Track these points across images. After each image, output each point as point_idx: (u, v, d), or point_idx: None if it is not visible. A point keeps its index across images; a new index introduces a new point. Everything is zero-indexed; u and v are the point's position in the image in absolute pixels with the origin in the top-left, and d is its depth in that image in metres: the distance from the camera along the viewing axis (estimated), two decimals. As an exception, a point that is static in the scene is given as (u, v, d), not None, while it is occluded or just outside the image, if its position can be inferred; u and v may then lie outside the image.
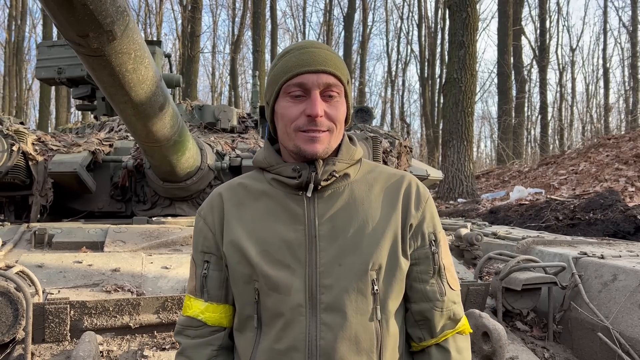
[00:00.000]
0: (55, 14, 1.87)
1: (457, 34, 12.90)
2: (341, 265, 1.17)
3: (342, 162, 1.25)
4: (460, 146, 12.75)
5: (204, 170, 4.23)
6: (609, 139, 13.15)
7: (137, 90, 2.58)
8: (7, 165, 3.86)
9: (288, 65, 1.20)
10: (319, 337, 1.14)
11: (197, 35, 23.36)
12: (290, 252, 1.19)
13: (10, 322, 2.13)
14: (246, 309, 1.22)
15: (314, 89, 1.18)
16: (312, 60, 1.19)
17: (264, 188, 1.28)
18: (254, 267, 1.19)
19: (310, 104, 1.18)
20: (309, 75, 1.18)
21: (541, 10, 25.07)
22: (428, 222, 1.28)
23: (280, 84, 1.21)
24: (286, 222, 1.22)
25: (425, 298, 1.27)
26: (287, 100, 1.21)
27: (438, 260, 1.27)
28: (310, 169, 1.21)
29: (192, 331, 1.30)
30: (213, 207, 1.30)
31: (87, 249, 3.12)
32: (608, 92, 26.51)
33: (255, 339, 1.20)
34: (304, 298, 1.16)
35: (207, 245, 1.29)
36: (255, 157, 1.35)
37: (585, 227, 6.88)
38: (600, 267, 2.98)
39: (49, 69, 5.98)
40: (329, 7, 29.28)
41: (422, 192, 1.30)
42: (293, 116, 1.19)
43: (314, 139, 1.19)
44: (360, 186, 1.27)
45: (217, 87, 31.60)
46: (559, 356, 2.84)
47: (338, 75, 1.21)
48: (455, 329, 1.29)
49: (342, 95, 1.24)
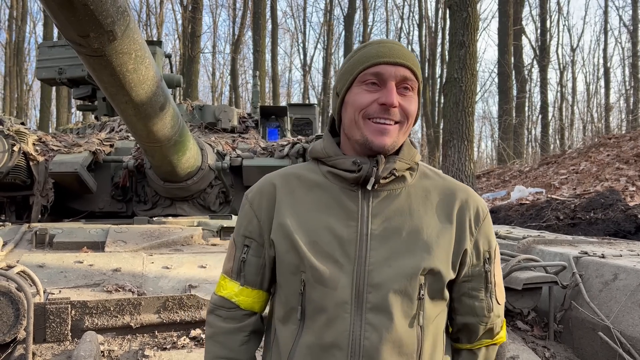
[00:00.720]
0: (56, 14, 1.88)
1: (457, 33, 12.89)
2: (391, 267, 1.16)
3: (403, 162, 1.23)
4: (461, 146, 12.73)
5: (204, 170, 4.23)
6: (610, 139, 13.14)
7: (137, 91, 2.58)
8: (8, 166, 3.86)
9: (366, 55, 1.19)
10: (364, 337, 1.13)
11: (198, 36, 23.36)
12: (340, 247, 1.17)
13: (12, 322, 2.14)
14: (291, 300, 1.21)
15: (390, 79, 1.17)
16: (390, 52, 1.18)
17: (319, 180, 1.26)
18: (302, 258, 1.17)
19: (386, 93, 1.16)
20: (387, 66, 1.17)
21: (542, 10, 25.05)
22: (484, 240, 1.27)
23: (357, 73, 1.20)
24: (339, 216, 1.20)
25: (472, 313, 1.28)
26: (361, 88, 1.19)
27: (491, 278, 1.27)
28: (371, 163, 1.19)
29: (224, 312, 1.30)
30: (263, 193, 1.28)
31: (88, 249, 3.12)
32: (609, 92, 26.49)
33: (297, 332, 1.19)
34: (349, 295, 1.14)
35: (250, 230, 1.27)
36: (313, 147, 1.32)
37: (586, 227, 6.87)
38: (601, 267, 2.98)
39: (49, 70, 5.98)
40: (329, 7, 29.27)
41: (481, 210, 1.28)
42: (365, 103, 1.18)
43: (384, 131, 1.17)
44: (417, 192, 1.25)
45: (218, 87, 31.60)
46: (560, 355, 2.84)
47: (415, 70, 1.19)
48: (492, 340, 1.33)
49: (415, 92, 1.22)
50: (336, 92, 1.27)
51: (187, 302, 2.44)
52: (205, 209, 4.57)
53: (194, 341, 2.37)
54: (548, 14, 25.25)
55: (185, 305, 2.44)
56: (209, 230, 3.71)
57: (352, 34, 26.81)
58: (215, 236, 3.71)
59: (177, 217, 4.12)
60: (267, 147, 4.83)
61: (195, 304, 2.45)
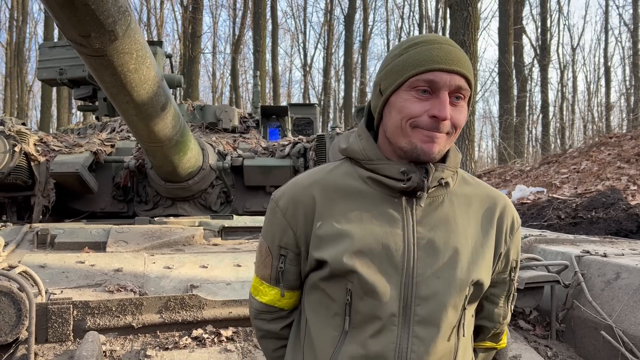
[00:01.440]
0: (57, 14, 1.88)
1: (458, 33, 12.87)
2: (439, 278, 1.12)
3: (449, 170, 1.18)
4: (462, 145, 12.71)
5: (205, 170, 4.23)
6: (611, 138, 13.13)
7: (139, 91, 2.58)
8: (9, 166, 3.87)
9: (419, 58, 1.10)
10: (410, 350, 1.10)
11: (198, 36, 23.37)
12: (387, 257, 1.11)
13: (14, 322, 2.13)
14: (333, 307, 1.17)
15: (444, 89, 1.09)
16: (447, 58, 1.10)
17: (358, 186, 1.18)
18: (348, 269, 1.12)
19: (439, 105, 1.09)
20: (442, 74, 1.09)
21: (542, 9, 25.04)
22: (515, 249, 1.27)
23: (407, 77, 1.11)
24: (383, 225, 1.13)
25: (489, 318, 1.29)
26: (411, 95, 1.11)
27: (512, 286, 1.28)
28: (420, 173, 1.13)
29: (268, 315, 1.29)
30: (298, 203, 1.19)
31: (90, 249, 3.12)
32: (609, 91, 26.47)
33: (339, 339, 1.15)
34: (397, 307, 1.10)
35: (286, 242, 1.21)
36: (349, 146, 1.22)
37: (587, 226, 6.87)
38: (603, 266, 2.97)
39: (50, 70, 5.99)
40: (329, 7, 29.27)
41: (515, 219, 1.26)
42: (415, 113, 1.10)
43: (433, 138, 1.10)
44: (459, 199, 1.20)
45: (218, 87, 31.59)
46: (562, 355, 2.83)
47: (469, 78, 1.13)
48: (495, 344, 1.36)
49: (466, 100, 1.15)
50: (379, 89, 1.18)
51: (189, 302, 2.44)
52: (207, 208, 4.57)
53: (196, 341, 2.37)
54: (548, 13, 25.25)
55: (187, 305, 2.44)
56: (210, 230, 3.71)
57: (353, 33, 26.81)
58: (216, 236, 3.71)
59: (179, 217, 4.12)
60: (268, 147, 4.83)
61: (197, 304, 2.44)
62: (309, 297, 1.23)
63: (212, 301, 2.47)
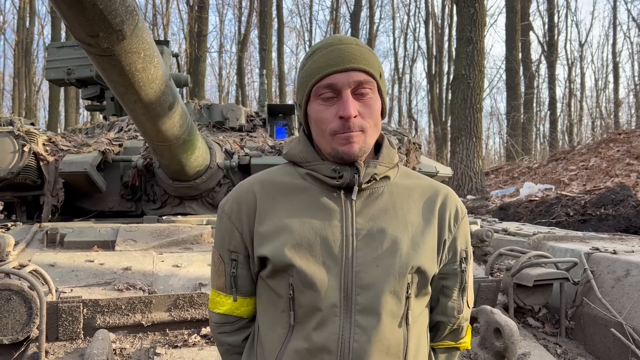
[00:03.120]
0: (65, 14, 1.88)
1: (464, 29, 12.84)
2: (379, 266, 1.13)
3: (383, 165, 1.21)
4: (469, 143, 12.69)
5: (213, 169, 4.24)
6: (620, 134, 13.04)
7: (146, 90, 2.59)
8: (19, 166, 3.89)
9: (316, 65, 1.15)
10: (353, 340, 1.11)
11: (204, 35, 23.42)
12: (326, 249, 1.14)
13: (25, 320, 2.15)
14: (280, 304, 1.18)
15: (344, 89, 1.13)
16: (340, 58, 1.13)
17: (298, 183, 1.23)
18: (288, 263, 1.14)
19: (342, 105, 1.13)
20: (338, 75, 1.12)
21: (549, 5, 24.89)
22: (462, 239, 1.27)
23: (310, 87, 1.16)
24: (322, 218, 1.17)
25: (443, 312, 1.29)
26: (318, 103, 1.16)
27: (465, 278, 1.27)
28: (351, 171, 1.17)
29: (229, 327, 1.30)
30: (240, 204, 1.23)
31: (99, 248, 3.14)
32: (618, 87, 26.29)
33: (286, 336, 1.16)
34: (338, 298, 1.12)
35: (234, 244, 1.24)
36: (289, 151, 1.28)
37: (596, 223, 6.83)
38: (613, 263, 2.96)
39: (58, 70, 6.01)
40: (335, 5, 29.23)
41: (459, 208, 1.27)
42: (327, 119, 1.15)
43: (350, 138, 1.13)
44: (399, 190, 1.23)
45: (225, 86, 31.67)
46: (572, 352, 2.82)
47: (369, 70, 1.15)
48: (455, 343, 1.34)
49: (375, 90, 1.18)
50: (298, 103, 1.24)
51: (198, 300, 2.45)
52: (214, 207, 4.58)
53: (205, 339, 2.38)
54: (556, 9, 25.10)
55: (195, 303, 2.45)
56: (218, 229, 3.71)
57: (359, 31, 26.77)
58: (224, 234, 3.71)
59: (186, 216, 4.14)
60: (275, 146, 4.83)
61: (206, 302, 2.45)
62: (260, 299, 1.26)
63: (221, 299, 2.47)
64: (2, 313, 2.14)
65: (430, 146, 26.29)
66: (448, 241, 1.24)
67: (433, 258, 1.20)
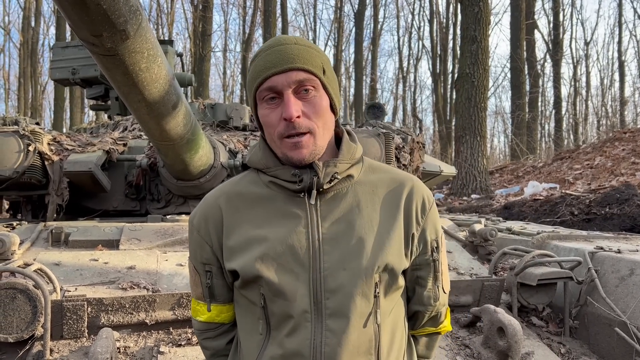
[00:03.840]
0: (69, 14, 1.89)
1: (469, 28, 12.80)
2: (346, 270, 1.14)
3: (344, 163, 1.20)
4: (474, 142, 12.66)
5: (217, 169, 4.24)
6: (625, 133, 12.98)
7: (150, 89, 2.60)
8: (24, 165, 3.91)
9: (256, 70, 1.15)
10: (324, 344, 1.11)
11: (208, 35, 23.45)
12: (293, 257, 1.14)
13: (29, 318, 2.17)
14: (255, 311, 1.20)
15: (285, 89, 1.12)
16: (278, 59, 1.12)
17: (262, 192, 1.22)
18: (256, 274, 1.15)
19: (284, 107, 1.12)
20: (277, 77, 1.12)
21: (554, 4, 24.78)
22: (431, 229, 1.26)
23: (254, 92, 1.17)
24: (288, 225, 1.17)
25: (419, 302, 1.29)
26: (264, 108, 1.16)
27: (439, 267, 1.27)
28: (310, 173, 1.16)
29: (212, 332, 1.32)
30: (207, 218, 1.24)
31: (103, 247, 3.15)
32: (623, 86, 26.18)
33: (262, 343, 1.18)
34: (309, 304, 1.13)
35: (206, 257, 1.25)
36: (250, 158, 1.28)
37: (601, 222, 6.80)
38: (617, 262, 2.95)
39: (63, 70, 6.04)
40: (339, 4, 29.22)
41: (426, 198, 1.26)
42: (273, 123, 1.14)
43: (297, 144, 1.13)
44: (364, 188, 1.22)
45: (229, 85, 31.71)
46: (576, 351, 2.82)
47: (309, 68, 1.13)
48: (436, 328, 1.36)
49: (320, 88, 1.16)
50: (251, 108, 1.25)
51: (201, 299, 2.46)
52: (218, 206, 4.59)
53: (209, 338, 2.38)
54: (561, 7, 25.01)
55: (199, 302, 2.46)
56: (222, 228, 3.72)
57: (363, 30, 26.74)
58: (228, 234, 3.72)
59: (190, 215, 4.14)
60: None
61: (209, 300, 2.46)
62: (238, 306, 1.27)
63: (224, 298, 2.48)
64: (7, 311, 2.15)
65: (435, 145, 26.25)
66: (417, 233, 1.24)
67: (400, 253, 1.20)
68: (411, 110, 31.02)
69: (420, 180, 1.31)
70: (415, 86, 31.72)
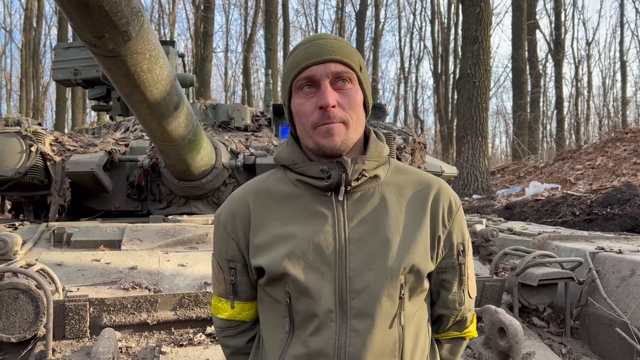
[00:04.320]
0: (71, 16, 1.90)
1: (470, 28, 12.80)
2: (371, 270, 1.14)
3: (372, 161, 1.20)
4: (475, 142, 12.66)
5: (218, 169, 4.26)
6: (627, 133, 12.96)
7: (152, 90, 2.61)
8: (26, 166, 3.93)
9: (295, 61, 1.18)
10: (349, 344, 1.11)
11: (210, 35, 23.47)
12: (319, 256, 1.14)
13: (32, 319, 2.18)
14: (279, 309, 1.20)
15: (322, 79, 1.14)
16: (317, 51, 1.15)
17: (289, 190, 1.23)
18: (282, 272, 1.15)
19: (321, 95, 1.13)
20: (316, 67, 1.14)
21: (556, 4, 24.75)
22: (458, 232, 1.26)
23: (290, 81, 1.18)
24: (314, 224, 1.17)
25: (444, 305, 1.28)
26: (299, 97, 1.18)
27: (464, 271, 1.27)
28: (339, 169, 1.16)
29: (233, 330, 1.32)
30: (235, 214, 1.25)
31: (105, 247, 3.16)
32: (625, 86, 26.11)
33: (286, 342, 1.17)
34: (334, 303, 1.13)
35: (232, 254, 1.26)
36: (278, 154, 1.28)
37: (602, 222, 6.80)
38: (618, 262, 2.95)
39: (65, 71, 6.06)
40: (340, 4, 29.21)
41: (453, 201, 1.26)
42: (308, 112, 1.16)
43: (330, 131, 1.14)
44: (391, 189, 1.22)
45: (230, 86, 31.73)
46: (577, 352, 2.82)
47: (347, 62, 1.16)
48: (461, 333, 1.34)
49: (356, 82, 1.19)
50: (283, 102, 1.26)
51: (203, 299, 2.47)
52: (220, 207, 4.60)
53: (210, 337, 2.39)
54: (562, 7, 24.96)
55: (200, 302, 2.47)
56: (224, 228, 3.72)
57: (364, 30, 26.73)
58: (229, 234, 3.72)
59: (192, 216, 4.16)
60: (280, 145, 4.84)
61: (211, 300, 2.46)
62: (261, 304, 1.27)
63: (226, 298, 2.48)
64: (10, 312, 2.16)
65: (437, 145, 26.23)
66: (443, 236, 1.23)
67: (427, 256, 1.20)
68: (412, 110, 31.01)
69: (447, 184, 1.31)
70: (417, 86, 31.74)
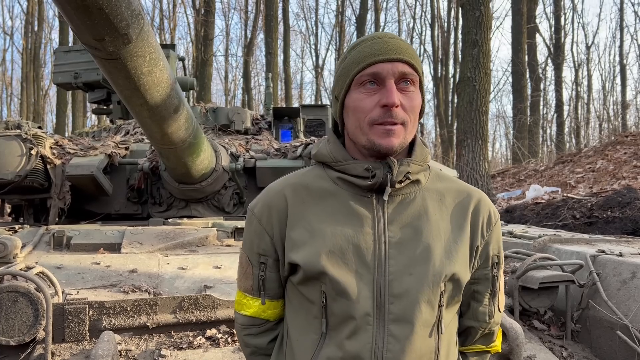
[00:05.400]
0: (72, 18, 1.91)
1: (470, 32, 12.82)
2: (412, 275, 1.11)
3: (416, 164, 1.17)
4: (475, 145, 12.65)
5: (218, 172, 4.26)
6: (627, 136, 12.97)
7: (152, 93, 2.61)
8: (26, 169, 3.93)
9: (361, 55, 1.14)
10: (386, 349, 1.09)
11: (210, 39, 23.51)
12: (358, 257, 1.12)
13: (31, 322, 2.17)
14: (312, 310, 1.16)
15: (389, 78, 1.11)
16: (385, 49, 1.12)
17: (329, 187, 1.19)
18: (320, 270, 1.12)
19: (386, 93, 1.10)
20: (384, 65, 1.11)
21: (556, 8, 24.81)
22: (494, 244, 1.25)
23: (353, 75, 1.14)
24: (354, 224, 1.14)
25: (474, 317, 1.27)
26: (360, 92, 1.14)
27: (497, 283, 1.25)
28: (384, 169, 1.13)
29: (255, 329, 1.28)
30: (271, 207, 1.21)
31: (105, 250, 3.16)
32: (625, 89, 26.15)
33: (318, 342, 1.14)
34: (371, 306, 1.10)
35: (264, 248, 1.22)
36: (318, 151, 1.25)
37: (602, 225, 6.79)
38: (619, 265, 2.94)
39: (65, 74, 6.07)
40: (341, 8, 29.28)
41: (492, 213, 1.25)
42: (367, 108, 1.12)
43: (390, 132, 1.11)
44: (432, 195, 1.20)
45: (231, 89, 31.76)
46: (578, 355, 2.81)
47: (413, 64, 1.13)
48: (486, 347, 1.32)
49: (417, 85, 1.16)
50: (335, 95, 1.22)
51: (203, 302, 2.46)
52: (220, 210, 4.60)
53: (210, 341, 2.39)
54: (562, 11, 25.01)
55: (200, 306, 2.46)
56: (224, 231, 3.73)
57: (364, 34, 26.73)
58: (229, 237, 3.73)
59: (192, 219, 4.15)
60: (280, 148, 4.85)
61: (211, 304, 2.46)
62: (290, 303, 1.24)
63: (226, 301, 2.48)
64: (9, 315, 2.16)
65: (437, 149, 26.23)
66: (480, 247, 1.22)
67: (466, 265, 1.18)
68: (413, 114, 30.99)
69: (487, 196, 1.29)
70: (417, 90, 31.70)
